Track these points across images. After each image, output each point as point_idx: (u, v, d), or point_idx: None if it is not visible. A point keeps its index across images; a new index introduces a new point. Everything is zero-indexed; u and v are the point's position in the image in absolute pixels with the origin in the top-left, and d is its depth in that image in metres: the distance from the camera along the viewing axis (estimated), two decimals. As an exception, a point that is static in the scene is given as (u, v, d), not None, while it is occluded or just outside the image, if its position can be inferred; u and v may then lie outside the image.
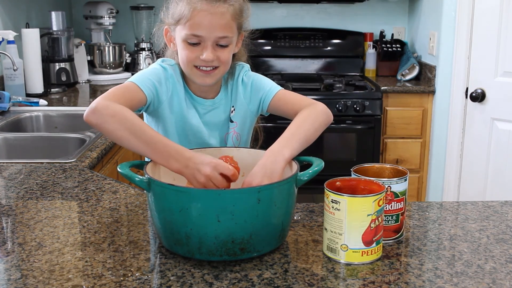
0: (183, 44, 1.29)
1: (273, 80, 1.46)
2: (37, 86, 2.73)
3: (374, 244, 1.01)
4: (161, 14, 1.36)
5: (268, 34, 3.57)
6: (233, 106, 1.41)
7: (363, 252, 1.00)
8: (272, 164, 1.12)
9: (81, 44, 3.20)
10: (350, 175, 1.10)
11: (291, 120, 1.29)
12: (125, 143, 1.14)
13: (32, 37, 2.70)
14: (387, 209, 1.08)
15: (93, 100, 1.19)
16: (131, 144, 1.13)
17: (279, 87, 1.41)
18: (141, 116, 1.37)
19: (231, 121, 1.42)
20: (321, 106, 1.33)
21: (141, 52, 3.50)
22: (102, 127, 1.15)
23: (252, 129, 1.48)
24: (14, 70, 2.46)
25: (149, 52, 3.51)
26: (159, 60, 1.39)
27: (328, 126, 1.33)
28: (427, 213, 1.26)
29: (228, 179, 1.08)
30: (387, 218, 1.09)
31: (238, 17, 1.30)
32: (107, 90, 1.24)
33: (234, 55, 1.38)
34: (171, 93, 1.35)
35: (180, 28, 1.28)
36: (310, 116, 1.29)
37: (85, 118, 1.17)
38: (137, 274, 0.96)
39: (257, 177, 1.09)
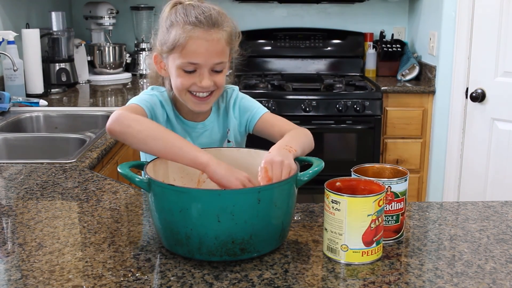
0: (178, 71, 1.28)
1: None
2: (37, 86, 2.73)
3: (374, 244, 1.01)
4: (150, 41, 1.36)
5: (268, 34, 3.57)
6: (228, 128, 1.43)
7: (363, 252, 1.00)
8: (286, 153, 1.14)
9: (81, 45, 3.20)
10: (350, 175, 1.10)
11: None
12: (149, 144, 1.14)
13: (32, 37, 2.70)
14: (387, 209, 1.08)
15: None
16: (156, 145, 1.14)
17: (265, 110, 1.43)
18: None
19: (228, 141, 1.43)
20: (308, 131, 1.35)
21: (141, 52, 3.50)
22: (126, 132, 1.16)
23: (243, 147, 1.49)
24: (14, 70, 2.46)
25: (149, 52, 3.50)
26: (150, 87, 1.40)
27: (314, 148, 1.34)
28: (427, 213, 1.26)
29: None
30: (387, 218, 1.09)
31: (231, 42, 1.31)
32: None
33: None
34: (166, 118, 1.36)
35: (175, 56, 1.27)
36: (304, 133, 1.32)
37: (109, 128, 1.18)
38: (137, 275, 0.96)
39: (277, 156, 1.11)
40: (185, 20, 1.24)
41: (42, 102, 2.50)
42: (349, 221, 0.98)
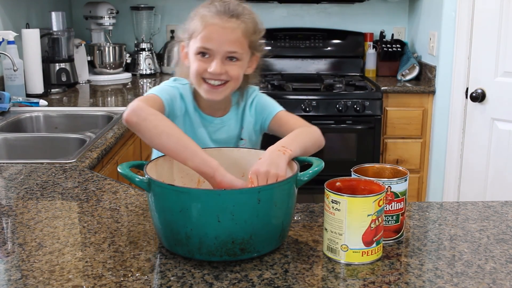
0: (195, 57, 1.31)
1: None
2: (37, 86, 2.73)
3: (374, 244, 1.01)
4: (178, 32, 1.39)
5: (268, 34, 3.52)
6: (242, 127, 1.44)
7: (363, 253, 1.00)
8: (277, 157, 1.13)
9: (81, 45, 3.20)
10: (350, 175, 1.10)
11: None
12: (162, 140, 1.16)
13: (32, 37, 2.70)
14: (387, 209, 1.08)
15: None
16: (169, 142, 1.15)
17: (280, 108, 1.44)
18: None
19: (241, 139, 1.44)
20: (318, 129, 1.36)
21: (141, 52, 3.50)
22: (142, 125, 1.18)
23: (258, 145, 1.50)
24: (14, 70, 2.46)
25: (149, 52, 3.51)
26: (172, 79, 1.42)
27: (321, 148, 1.34)
28: (427, 213, 1.26)
29: None
30: (387, 218, 1.09)
31: (249, 35, 1.32)
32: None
33: (246, 77, 1.39)
34: (184, 111, 1.37)
35: (193, 42, 1.31)
36: (309, 131, 1.32)
37: (126, 118, 1.20)
38: (137, 275, 0.96)
39: (263, 165, 1.11)
40: (207, 10, 1.29)
41: (42, 102, 2.50)
42: (349, 221, 0.98)
